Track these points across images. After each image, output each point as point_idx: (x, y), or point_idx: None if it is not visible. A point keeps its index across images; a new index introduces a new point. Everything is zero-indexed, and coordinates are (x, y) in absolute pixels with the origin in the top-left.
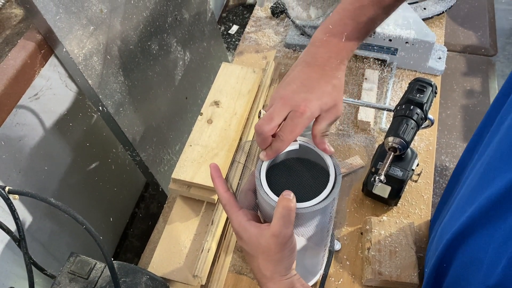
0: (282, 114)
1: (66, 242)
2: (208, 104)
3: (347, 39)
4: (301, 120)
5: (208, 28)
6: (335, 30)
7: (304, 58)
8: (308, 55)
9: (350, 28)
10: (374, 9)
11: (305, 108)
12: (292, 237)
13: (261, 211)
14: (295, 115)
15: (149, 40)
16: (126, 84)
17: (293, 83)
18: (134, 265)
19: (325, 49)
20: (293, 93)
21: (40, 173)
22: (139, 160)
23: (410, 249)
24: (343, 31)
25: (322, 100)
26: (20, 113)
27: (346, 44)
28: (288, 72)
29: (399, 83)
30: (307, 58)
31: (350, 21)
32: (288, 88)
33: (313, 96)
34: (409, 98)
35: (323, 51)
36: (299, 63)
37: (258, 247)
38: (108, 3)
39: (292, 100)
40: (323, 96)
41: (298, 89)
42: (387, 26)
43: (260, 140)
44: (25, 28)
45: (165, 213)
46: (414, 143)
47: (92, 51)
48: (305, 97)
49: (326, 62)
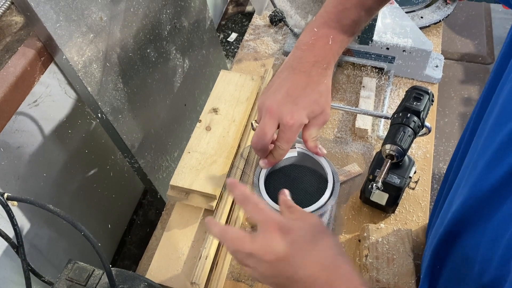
0: (272, 126)
1: (64, 249)
2: (206, 111)
3: (333, 42)
4: (291, 132)
5: (207, 36)
6: (321, 33)
7: (290, 63)
8: (294, 60)
9: (335, 30)
10: (358, 11)
11: (292, 120)
12: None
13: None
14: (285, 128)
15: (149, 47)
16: (125, 91)
17: (279, 92)
18: (132, 272)
19: (311, 52)
20: (279, 105)
21: (38, 179)
22: (138, 167)
23: (408, 257)
24: (328, 34)
25: (309, 109)
26: (19, 119)
27: (332, 46)
28: (273, 78)
29: (396, 91)
30: (293, 63)
31: (335, 24)
32: (274, 98)
33: (299, 106)
34: (406, 106)
35: (309, 55)
36: (285, 69)
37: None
38: (108, 11)
39: (279, 112)
40: (310, 104)
41: (284, 100)
42: (384, 35)
43: (259, 153)
44: (25, 35)
45: (163, 220)
46: (412, 150)
47: (91, 58)
48: (291, 109)
49: (312, 68)
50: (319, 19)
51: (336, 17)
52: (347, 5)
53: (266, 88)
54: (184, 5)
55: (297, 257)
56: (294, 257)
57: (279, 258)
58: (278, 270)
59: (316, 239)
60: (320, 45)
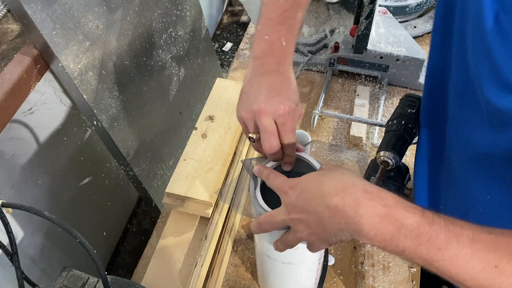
0: (272, 123)
1: (57, 258)
2: (202, 118)
3: (287, 42)
4: (290, 119)
5: (202, 45)
6: (273, 38)
7: (255, 71)
8: (258, 67)
9: (284, 32)
10: (295, 11)
11: (287, 107)
12: None
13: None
14: (283, 118)
15: (145, 56)
16: (121, 99)
17: (260, 93)
18: (128, 280)
19: (271, 57)
20: (267, 102)
21: (33, 187)
22: (133, 175)
23: (403, 264)
24: (279, 36)
25: (291, 99)
26: (14, 127)
27: (287, 47)
28: (243, 89)
29: (390, 99)
30: (259, 70)
31: (281, 27)
32: (259, 100)
33: (284, 96)
34: (400, 114)
35: (271, 60)
36: (253, 77)
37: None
38: (104, 20)
39: (270, 108)
40: (291, 95)
41: (269, 96)
42: (378, 44)
43: (276, 156)
44: (21, 43)
45: (158, 228)
46: (406, 158)
47: (87, 66)
48: (279, 99)
49: (279, 66)
50: (264, 27)
51: (280, 21)
52: (285, 7)
53: (240, 101)
54: (180, 15)
55: (309, 192)
56: (307, 193)
57: (298, 198)
58: (304, 205)
59: (323, 174)
60: (277, 48)
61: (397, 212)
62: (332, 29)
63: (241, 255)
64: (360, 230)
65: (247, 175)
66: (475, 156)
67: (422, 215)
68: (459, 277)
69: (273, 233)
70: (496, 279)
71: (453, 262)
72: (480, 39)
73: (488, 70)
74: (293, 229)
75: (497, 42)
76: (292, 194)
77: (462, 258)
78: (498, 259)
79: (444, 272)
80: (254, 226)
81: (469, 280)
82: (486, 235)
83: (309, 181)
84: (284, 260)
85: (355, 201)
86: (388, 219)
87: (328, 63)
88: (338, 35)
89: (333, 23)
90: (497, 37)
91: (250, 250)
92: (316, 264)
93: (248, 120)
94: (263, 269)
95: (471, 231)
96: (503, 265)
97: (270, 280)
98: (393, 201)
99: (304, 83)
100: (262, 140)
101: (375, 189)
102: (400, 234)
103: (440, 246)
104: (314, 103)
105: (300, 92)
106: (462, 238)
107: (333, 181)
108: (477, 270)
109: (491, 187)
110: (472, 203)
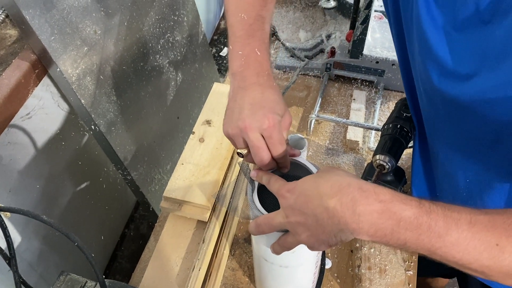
0: (259, 137)
1: (54, 263)
2: (200, 123)
3: (261, 52)
4: (276, 132)
5: (200, 50)
6: (247, 52)
7: (237, 86)
8: (239, 82)
9: (256, 43)
10: (261, 23)
11: (271, 121)
12: None
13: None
14: (269, 132)
15: (142, 61)
16: (119, 103)
17: (243, 108)
18: (126, 284)
19: (249, 69)
20: (251, 117)
21: (31, 192)
22: (130, 179)
23: (400, 267)
24: (252, 48)
25: (274, 111)
26: (12, 132)
27: (262, 56)
28: (228, 105)
29: (386, 103)
30: (240, 84)
31: (251, 39)
32: (243, 116)
33: (267, 109)
34: (395, 118)
35: (249, 72)
36: (236, 92)
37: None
38: (102, 25)
39: (255, 123)
40: (274, 107)
41: (252, 111)
42: (374, 49)
43: (270, 167)
44: (19, 48)
45: (156, 232)
46: (402, 161)
47: (85, 71)
48: (263, 113)
49: (258, 78)
50: (236, 45)
51: (249, 35)
52: (250, 21)
53: (226, 117)
54: (177, 20)
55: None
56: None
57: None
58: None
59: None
60: (253, 60)
61: (394, 206)
62: (329, 34)
63: (239, 258)
64: (360, 229)
65: (244, 178)
66: (448, 142)
67: (419, 206)
68: (463, 260)
69: (270, 236)
70: (498, 256)
71: (455, 246)
72: (421, 35)
73: (431, 61)
74: (292, 232)
75: (432, 32)
76: (290, 198)
77: (463, 241)
78: (498, 237)
79: (448, 259)
80: (253, 227)
81: (473, 263)
82: (483, 216)
83: (305, 184)
84: (282, 264)
85: (352, 201)
86: (386, 214)
87: (325, 67)
88: (335, 40)
89: (329, 28)
90: (432, 27)
91: (248, 254)
92: (313, 267)
93: (235, 137)
94: (261, 272)
95: (469, 214)
96: (503, 242)
97: (268, 284)
98: (389, 196)
99: (301, 88)
100: (252, 155)
101: (370, 187)
102: (400, 227)
103: (441, 233)
104: (311, 107)
105: (297, 97)
106: (461, 222)
107: (329, 183)
108: (479, 251)
109: (468, 169)
110: (456, 189)
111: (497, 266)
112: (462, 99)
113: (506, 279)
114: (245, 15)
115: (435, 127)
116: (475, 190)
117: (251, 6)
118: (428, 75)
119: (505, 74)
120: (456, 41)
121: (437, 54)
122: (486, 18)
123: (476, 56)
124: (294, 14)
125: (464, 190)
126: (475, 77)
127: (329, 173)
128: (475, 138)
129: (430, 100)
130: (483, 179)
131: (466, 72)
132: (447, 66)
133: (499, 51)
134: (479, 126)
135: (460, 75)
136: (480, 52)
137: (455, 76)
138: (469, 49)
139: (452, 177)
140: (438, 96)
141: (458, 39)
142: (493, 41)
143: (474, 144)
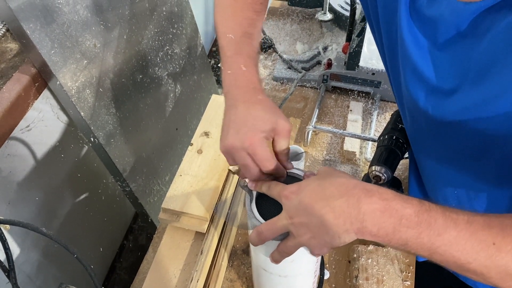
0: (245, 158)
1: (53, 275)
2: (198, 134)
3: (246, 67)
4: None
5: (198, 62)
6: (234, 69)
7: (228, 105)
8: (229, 101)
9: (242, 59)
10: (248, 38)
11: (249, 141)
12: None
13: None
14: (251, 150)
15: (141, 73)
16: (118, 115)
17: (229, 128)
18: None
19: (236, 88)
20: (235, 136)
21: (30, 204)
22: (129, 190)
23: (397, 277)
24: (238, 65)
25: (256, 128)
26: (12, 144)
27: (248, 71)
28: (222, 123)
29: (382, 115)
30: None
31: (238, 56)
32: (229, 136)
33: (249, 127)
34: (391, 129)
35: (237, 90)
36: (227, 110)
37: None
38: (101, 38)
39: (238, 142)
40: (257, 122)
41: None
42: (370, 61)
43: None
44: (19, 62)
45: (154, 243)
46: (398, 172)
47: (85, 84)
48: (244, 132)
49: (244, 95)
50: (226, 65)
51: (236, 52)
52: (237, 40)
53: (221, 135)
54: (176, 32)
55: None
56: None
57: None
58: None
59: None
60: (240, 76)
61: (396, 204)
62: (325, 46)
63: (237, 269)
64: (363, 228)
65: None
66: (434, 157)
67: (419, 204)
68: (462, 260)
69: (269, 246)
70: (495, 256)
71: (453, 245)
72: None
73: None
74: (294, 233)
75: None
76: (294, 199)
77: (461, 239)
78: (494, 236)
79: (448, 259)
80: (254, 237)
81: (471, 262)
82: (479, 217)
83: (310, 186)
84: (281, 273)
85: (358, 201)
86: (388, 211)
87: (322, 79)
88: (331, 52)
89: (326, 40)
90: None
91: (246, 265)
92: (312, 277)
93: (225, 155)
94: (259, 283)
95: (466, 215)
96: (500, 242)
97: None
98: (391, 194)
99: (298, 99)
100: (242, 172)
101: (374, 187)
102: (401, 225)
103: (440, 231)
104: (308, 118)
105: (294, 108)
106: (459, 221)
107: (335, 185)
108: (477, 250)
109: (455, 181)
110: (446, 201)
111: (494, 265)
112: (446, 115)
113: (505, 281)
114: (232, 35)
115: (418, 142)
116: (464, 200)
117: (238, 26)
118: (410, 94)
119: (487, 89)
120: (439, 59)
121: (421, 71)
122: (467, 37)
123: (458, 72)
124: (291, 26)
125: (453, 201)
126: (458, 92)
127: (332, 175)
128: (459, 152)
129: (412, 117)
130: (472, 189)
131: (449, 87)
132: (430, 83)
133: (480, 67)
134: (463, 141)
135: (443, 90)
136: (462, 68)
137: (438, 92)
138: (452, 65)
139: (440, 189)
140: (421, 113)
141: (441, 56)
142: (474, 57)
143: (459, 158)
